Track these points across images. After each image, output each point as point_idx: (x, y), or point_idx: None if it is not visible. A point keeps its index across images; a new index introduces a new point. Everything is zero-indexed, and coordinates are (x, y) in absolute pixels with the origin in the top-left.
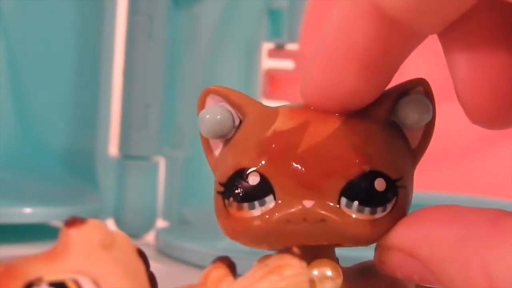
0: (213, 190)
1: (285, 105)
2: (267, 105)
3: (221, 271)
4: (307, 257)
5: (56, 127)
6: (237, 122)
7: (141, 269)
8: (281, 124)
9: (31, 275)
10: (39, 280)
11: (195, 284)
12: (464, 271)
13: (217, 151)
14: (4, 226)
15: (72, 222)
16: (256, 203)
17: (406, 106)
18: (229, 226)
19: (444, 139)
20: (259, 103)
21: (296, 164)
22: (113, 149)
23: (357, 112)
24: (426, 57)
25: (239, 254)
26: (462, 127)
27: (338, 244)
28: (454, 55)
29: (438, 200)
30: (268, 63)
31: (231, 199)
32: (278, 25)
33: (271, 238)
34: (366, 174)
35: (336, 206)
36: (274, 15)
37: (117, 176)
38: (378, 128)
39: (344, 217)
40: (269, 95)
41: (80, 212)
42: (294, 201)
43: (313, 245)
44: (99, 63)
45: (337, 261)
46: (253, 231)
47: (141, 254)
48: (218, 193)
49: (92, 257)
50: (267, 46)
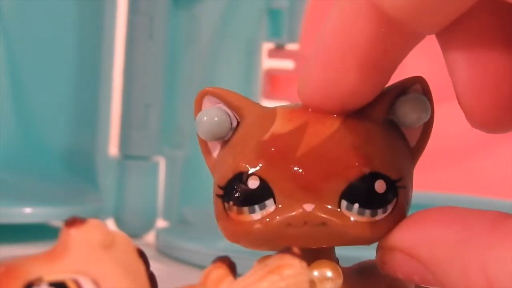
0: (212, 191)
1: (283, 105)
2: (265, 106)
3: (221, 271)
4: (307, 257)
5: (56, 127)
6: (234, 123)
7: (141, 269)
8: (279, 126)
9: (31, 275)
10: (39, 280)
11: (195, 284)
12: (464, 272)
13: (215, 153)
14: (4, 226)
15: (72, 222)
16: (256, 207)
17: (404, 105)
18: (229, 229)
19: (444, 139)
20: (257, 104)
21: (295, 167)
22: (113, 149)
23: (356, 112)
24: (426, 57)
25: (239, 254)
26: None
27: (341, 245)
28: (453, 55)
29: (438, 200)
30: (268, 63)
31: (231, 203)
32: (278, 25)
33: (271, 242)
34: (366, 176)
35: (336, 209)
36: (274, 15)
37: (117, 176)
38: (377, 128)
39: (344, 220)
40: (269, 95)
41: (80, 212)
42: (294, 204)
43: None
44: (99, 63)
45: (337, 261)
46: (253, 235)
47: (141, 254)
48: (218, 196)
49: (92, 257)
50: (267, 46)
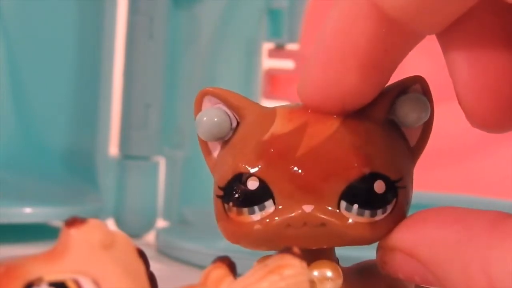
0: (212, 190)
1: (282, 106)
2: (265, 106)
3: (221, 271)
4: (307, 257)
5: (56, 127)
6: (234, 124)
7: (141, 269)
8: (279, 126)
9: (31, 275)
10: (39, 280)
11: (195, 284)
12: (464, 271)
13: (215, 153)
14: (4, 226)
15: (72, 222)
16: (256, 208)
17: (404, 105)
18: (229, 230)
19: (444, 139)
20: (257, 104)
21: (295, 168)
22: (113, 149)
23: (356, 112)
24: (426, 57)
25: (239, 254)
26: (462, 127)
27: (341, 246)
28: (454, 55)
29: (438, 200)
30: (268, 63)
31: (231, 204)
32: (278, 25)
33: (271, 242)
34: (365, 177)
35: (335, 209)
36: (274, 15)
37: (117, 176)
38: (377, 128)
39: (344, 221)
40: (269, 95)
41: (80, 212)
42: (294, 205)
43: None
44: (99, 63)
45: (337, 261)
46: (253, 236)
47: (141, 254)
48: (218, 196)
49: (92, 257)
50: (267, 46)
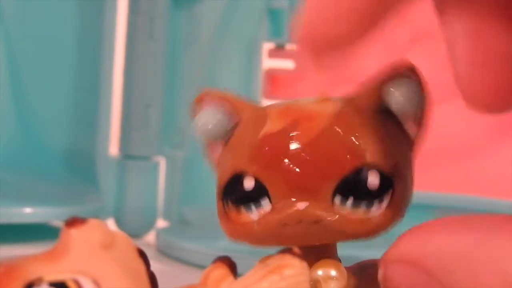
0: (213, 190)
1: (275, 104)
2: (261, 105)
3: (222, 271)
4: (309, 257)
5: (56, 127)
6: (232, 124)
7: (141, 269)
8: (271, 125)
9: (31, 275)
10: (39, 280)
11: (195, 284)
12: (479, 275)
13: (218, 154)
14: (4, 226)
15: (73, 222)
16: (253, 206)
17: (393, 91)
18: (229, 229)
19: (444, 139)
20: (252, 104)
21: (287, 166)
22: (113, 149)
23: (348, 105)
24: (426, 57)
25: (239, 254)
26: (462, 127)
27: (338, 241)
28: (454, 27)
29: (438, 200)
30: (268, 63)
31: (229, 204)
32: (279, 25)
33: (269, 241)
34: (358, 170)
35: (330, 205)
36: (274, 15)
37: (117, 176)
38: (370, 119)
39: (339, 216)
40: (269, 95)
41: (80, 212)
42: (288, 203)
43: (315, 244)
44: (99, 63)
45: (340, 261)
46: (251, 235)
47: (142, 254)
48: (218, 196)
49: (93, 257)
50: (268, 46)
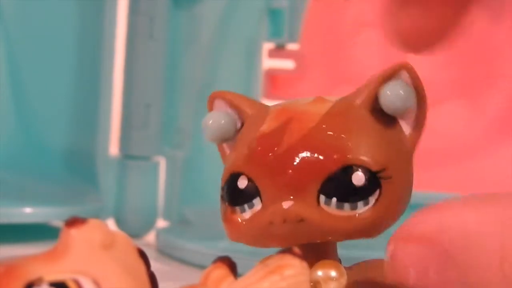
0: (213, 190)
1: (276, 104)
2: (267, 105)
3: (222, 271)
4: (310, 257)
5: (56, 127)
6: (239, 125)
7: (141, 269)
8: (266, 125)
9: (31, 275)
10: (39, 280)
11: (196, 284)
12: (502, 253)
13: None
14: (4, 226)
15: (73, 222)
16: (246, 206)
17: (386, 91)
18: (227, 229)
19: (444, 139)
20: (260, 105)
21: (275, 165)
22: (114, 149)
23: (340, 104)
24: (426, 57)
25: (239, 254)
26: (462, 127)
27: (324, 240)
28: None
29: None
30: (268, 63)
31: (227, 203)
32: (279, 25)
33: (261, 240)
34: (343, 169)
35: (315, 204)
36: (274, 15)
37: (117, 176)
38: (362, 118)
39: (323, 215)
40: (269, 95)
41: (80, 212)
42: (276, 202)
43: (311, 244)
44: (99, 63)
45: (340, 261)
46: (245, 234)
47: (142, 254)
48: (220, 196)
49: (93, 257)
50: (268, 46)
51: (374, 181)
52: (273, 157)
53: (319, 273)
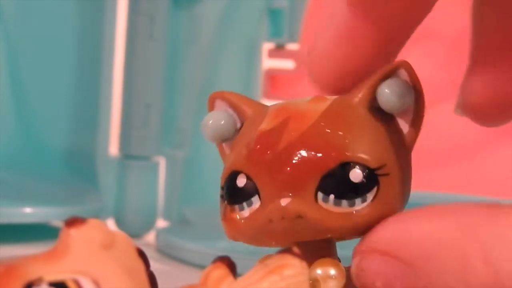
0: (213, 190)
1: (275, 103)
2: (266, 105)
3: (222, 271)
4: (309, 257)
5: (56, 127)
6: (239, 125)
7: (141, 269)
8: (265, 124)
9: (31, 275)
10: (39, 280)
11: (195, 284)
12: (463, 261)
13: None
14: (4, 226)
15: (73, 222)
16: (245, 204)
17: (384, 89)
18: (226, 228)
19: (444, 139)
20: (260, 105)
21: (274, 163)
22: (114, 149)
23: (339, 102)
24: (426, 57)
25: (239, 254)
26: (462, 127)
27: (323, 237)
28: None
29: (438, 200)
30: (268, 63)
31: (226, 202)
32: (279, 25)
33: (260, 238)
34: (340, 166)
35: (312, 201)
36: (274, 15)
37: (117, 176)
38: (360, 116)
39: (321, 212)
40: (269, 95)
41: (80, 212)
42: (274, 200)
43: (311, 242)
44: (99, 63)
45: (339, 260)
46: (244, 233)
47: (141, 254)
48: (220, 196)
49: (92, 257)
50: (268, 46)
51: (372, 178)
52: (271, 155)
53: (318, 271)
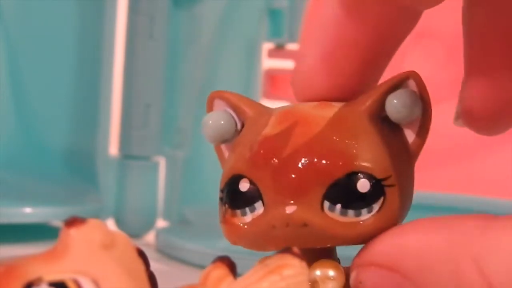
0: (213, 190)
1: (280, 107)
2: (268, 107)
3: (221, 271)
4: (309, 257)
5: (56, 127)
6: (239, 126)
7: (141, 269)
8: (270, 128)
9: (31, 275)
10: (39, 280)
11: (195, 284)
12: (457, 271)
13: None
14: (4, 226)
15: (72, 222)
16: (247, 209)
17: (392, 100)
18: (226, 232)
19: (444, 139)
20: (261, 106)
21: (280, 169)
22: (113, 149)
23: (346, 110)
24: (426, 57)
25: (239, 254)
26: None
27: (326, 245)
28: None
29: (438, 200)
30: (268, 63)
31: (226, 206)
32: (279, 25)
33: (261, 244)
34: (348, 176)
35: (318, 209)
36: (274, 15)
37: (117, 176)
38: (366, 126)
39: (326, 221)
40: (269, 95)
41: (80, 212)
42: (279, 206)
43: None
44: (99, 63)
45: (339, 261)
46: (245, 238)
47: (141, 254)
48: (219, 198)
49: (92, 257)
50: (267, 46)
51: (378, 188)
52: (277, 160)
53: (317, 272)
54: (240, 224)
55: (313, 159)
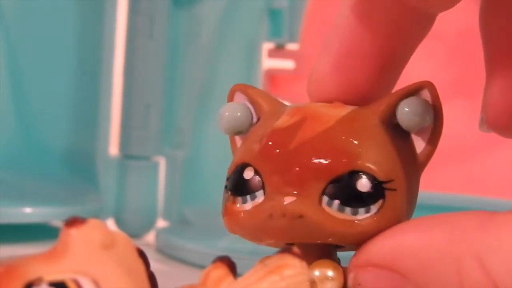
0: (213, 190)
1: (294, 104)
2: (285, 104)
3: (221, 271)
4: (309, 257)
5: (56, 127)
6: (255, 119)
7: (141, 269)
8: (281, 121)
9: (31, 275)
10: (39, 280)
11: (195, 284)
12: (458, 268)
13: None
14: (4, 226)
15: (72, 222)
16: (248, 197)
17: (404, 108)
18: (226, 219)
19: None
20: (278, 103)
21: (284, 161)
22: (113, 149)
23: (357, 112)
24: (427, 57)
25: (239, 254)
26: (462, 127)
27: (321, 241)
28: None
29: (438, 200)
30: (268, 63)
31: (229, 193)
32: (279, 25)
33: (259, 235)
34: (349, 174)
35: (316, 203)
36: (274, 15)
37: (117, 176)
38: (375, 129)
39: (323, 215)
40: None
41: (80, 212)
42: (278, 197)
43: (313, 245)
44: (99, 63)
45: (339, 261)
46: (242, 225)
47: (141, 254)
48: (224, 187)
49: (92, 257)
50: (267, 46)
51: (378, 190)
52: (282, 152)
53: (316, 272)
54: (240, 211)
55: (317, 153)
